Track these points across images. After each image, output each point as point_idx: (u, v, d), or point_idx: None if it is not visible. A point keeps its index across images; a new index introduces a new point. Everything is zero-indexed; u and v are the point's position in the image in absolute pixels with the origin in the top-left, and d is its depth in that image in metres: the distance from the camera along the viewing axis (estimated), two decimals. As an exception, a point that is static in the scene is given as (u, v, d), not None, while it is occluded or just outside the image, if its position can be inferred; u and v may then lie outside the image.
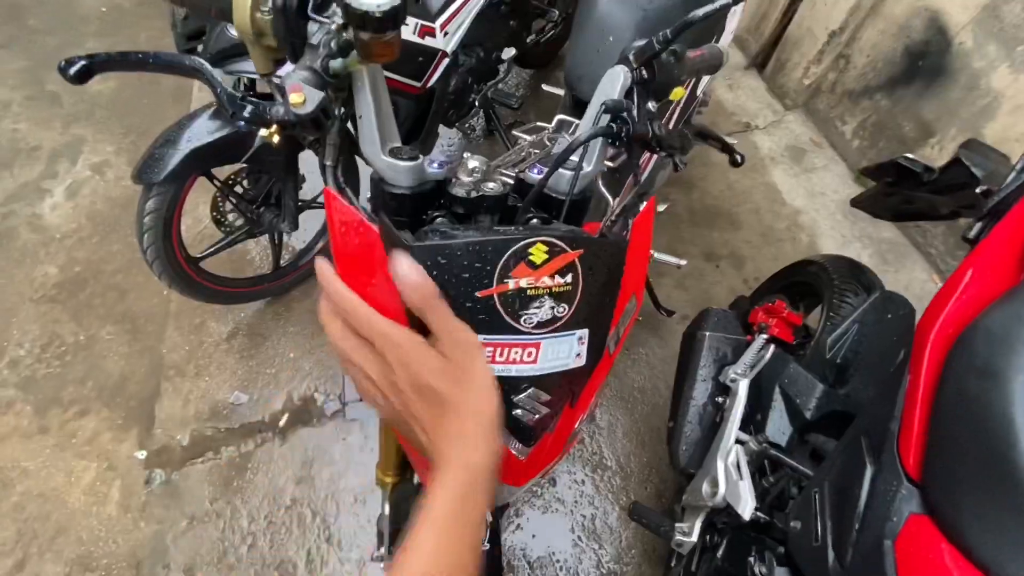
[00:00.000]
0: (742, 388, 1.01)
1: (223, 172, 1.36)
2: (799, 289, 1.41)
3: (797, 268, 1.42)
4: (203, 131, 1.19)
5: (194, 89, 2.26)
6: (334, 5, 0.46)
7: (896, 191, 1.11)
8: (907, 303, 1.10)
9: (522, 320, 0.44)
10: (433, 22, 1.49)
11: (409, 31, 1.42)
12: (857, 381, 1.06)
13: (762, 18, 2.27)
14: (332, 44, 0.45)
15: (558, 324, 0.45)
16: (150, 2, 2.60)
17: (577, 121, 0.94)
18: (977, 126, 1.61)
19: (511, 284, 0.42)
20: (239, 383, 1.58)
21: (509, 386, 0.46)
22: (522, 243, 0.42)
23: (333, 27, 0.44)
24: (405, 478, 0.87)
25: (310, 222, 1.66)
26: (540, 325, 0.45)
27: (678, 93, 0.60)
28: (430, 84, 1.49)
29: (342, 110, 0.50)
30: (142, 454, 1.46)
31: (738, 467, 0.89)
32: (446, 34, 1.53)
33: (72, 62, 0.46)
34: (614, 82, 0.56)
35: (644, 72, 0.56)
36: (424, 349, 0.38)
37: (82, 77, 0.47)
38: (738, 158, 1.09)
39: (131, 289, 1.75)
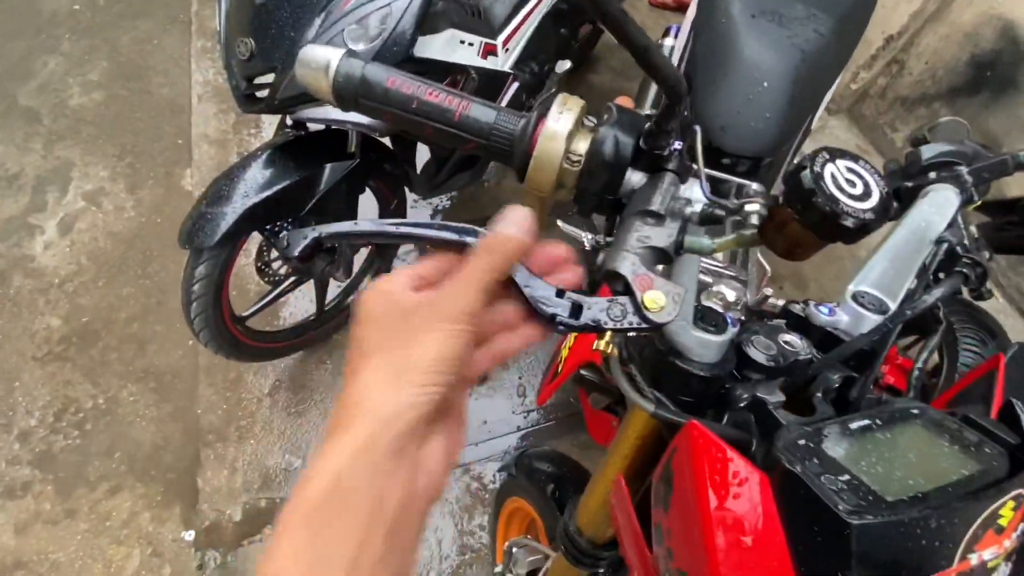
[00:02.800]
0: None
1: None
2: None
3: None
4: (259, 182, 1.02)
5: (193, 101, 2.02)
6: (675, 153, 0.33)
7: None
8: None
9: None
10: (495, 38, 1.33)
11: (473, 52, 1.26)
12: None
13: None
14: (687, 212, 0.32)
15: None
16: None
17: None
18: (1048, 141, 1.57)
19: (974, 560, 0.31)
20: (289, 444, 1.43)
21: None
22: (999, 503, 0.31)
23: (694, 194, 0.31)
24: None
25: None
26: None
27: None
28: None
29: None
30: (190, 534, 1.31)
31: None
32: (507, 50, 1.37)
33: (295, 241, 0.32)
34: (942, 208, 0.45)
35: (975, 193, 0.45)
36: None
37: (308, 254, 0.32)
38: None
39: (150, 340, 1.55)
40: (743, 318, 0.48)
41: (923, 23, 1.82)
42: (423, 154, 1.54)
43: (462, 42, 1.21)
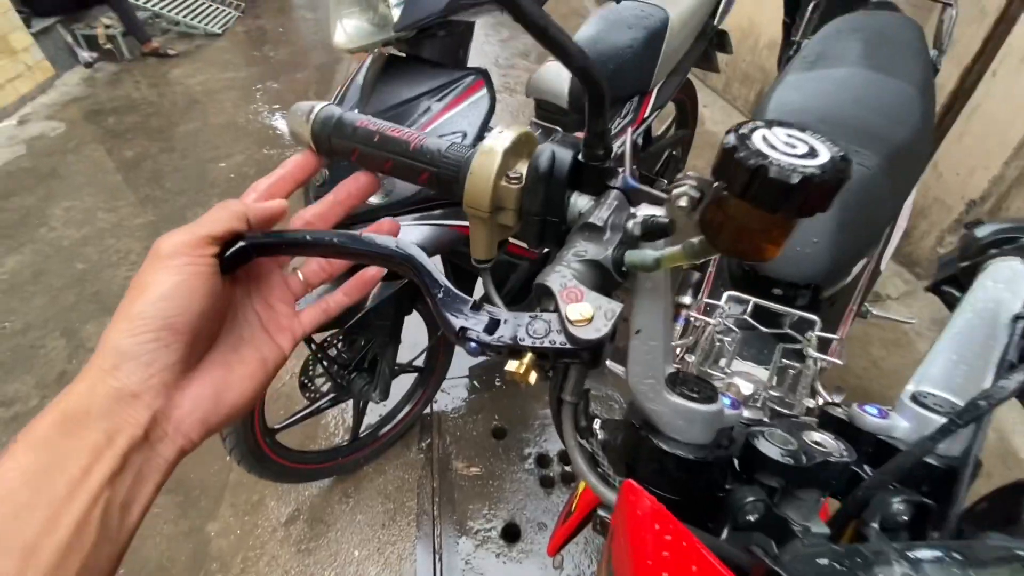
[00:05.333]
0: None
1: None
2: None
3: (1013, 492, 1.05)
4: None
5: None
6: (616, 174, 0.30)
7: None
8: None
9: None
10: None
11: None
12: None
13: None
14: (629, 225, 0.28)
15: None
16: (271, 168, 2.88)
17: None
18: None
19: None
20: (289, 588, 1.27)
21: None
22: None
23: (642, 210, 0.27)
24: None
25: (395, 388, 1.49)
26: None
27: None
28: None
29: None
30: None
31: None
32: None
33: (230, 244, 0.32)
34: (1011, 282, 0.35)
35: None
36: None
37: (235, 261, 0.32)
38: None
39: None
40: (765, 419, 0.38)
41: (1007, 188, 1.74)
42: (478, 289, 1.60)
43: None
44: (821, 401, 0.52)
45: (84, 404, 0.25)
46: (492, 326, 0.26)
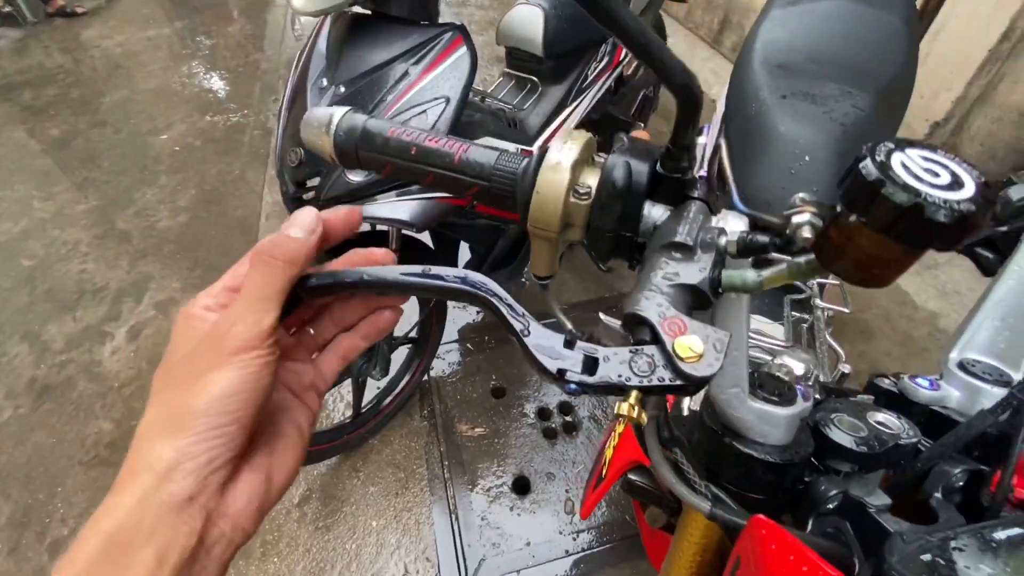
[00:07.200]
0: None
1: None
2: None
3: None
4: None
5: (261, 219, 2.23)
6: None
7: None
8: None
9: None
10: (531, 145, 1.40)
11: (510, 156, 1.33)
12: None
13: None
14: (722, 242, 0.26)
15: None
16: (222, 140, 2.68)
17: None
18: None
19: None
20: (314, 565, 1.31)
21: None
22: None
23: (729, 223, 0.26)
24: None
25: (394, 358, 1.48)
26: None
27: None
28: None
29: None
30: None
31: None
32: (544, 155, 1.44)
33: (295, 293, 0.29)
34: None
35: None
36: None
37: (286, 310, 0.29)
38: None
39: (191, 444, 1.54)
40: (818, 396, 0.39)
41: (969, 107, 1.78)
42: (465, 254, 1.57)
43: (498, 148, 1.29)
44: (847, 367, 0.54)
45: (132, 521, 0.22)
46: (590, 365, 0.25)
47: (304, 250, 0.28)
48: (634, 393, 0.24)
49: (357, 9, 0.97)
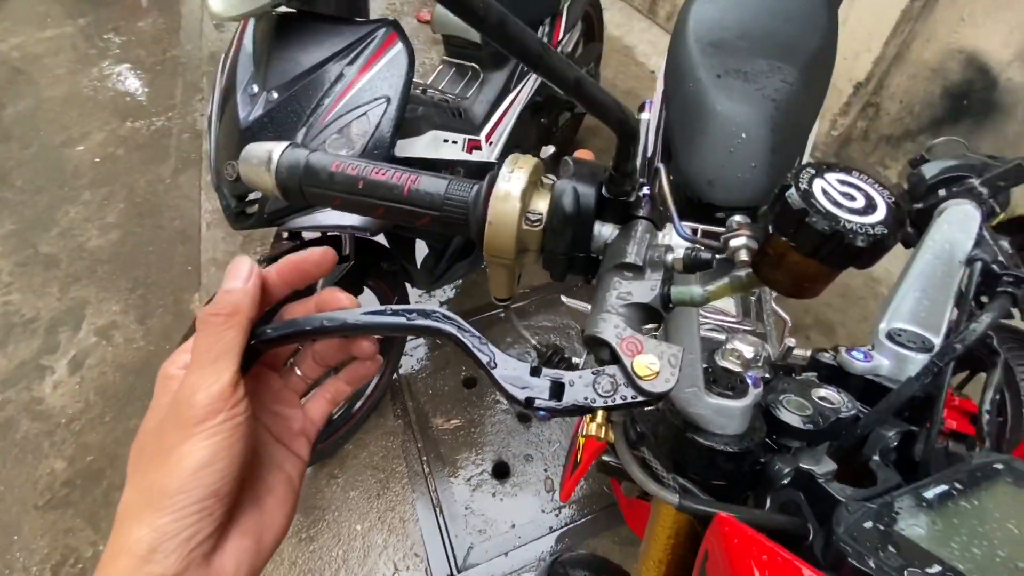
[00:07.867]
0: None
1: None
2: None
3: None
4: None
5: (201, 229, 2.12)
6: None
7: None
8: None
9: None
10: (478, 134, 1.39)
11: (458, 148, 1.31)
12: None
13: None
14: (669, 259, 0.28)
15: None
16: (148, 146, 2.51)
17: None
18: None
19: None
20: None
21: None
22: None
23: (674, 239, 0.27)
24: None
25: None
26: None
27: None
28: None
29: None
30: None
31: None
32: (491, 144, 1.43)
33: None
34: (964, 225, 0.40)
35: (995, 205, 0.40)
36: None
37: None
38: None
39: (155, 472, 1.48)
40: (767, 376, 0.42)
41: (887, 67, 1.88)
42: (423, 248, 1.55)
43: (446, 141, 1.27)
44: (792, 341, 0.57)
45: None
46: (557, 390, 0.26)
47: (246, 299, 0.27)
48: (600, 413, 0.26)
49: (282, 8, 0.92)
